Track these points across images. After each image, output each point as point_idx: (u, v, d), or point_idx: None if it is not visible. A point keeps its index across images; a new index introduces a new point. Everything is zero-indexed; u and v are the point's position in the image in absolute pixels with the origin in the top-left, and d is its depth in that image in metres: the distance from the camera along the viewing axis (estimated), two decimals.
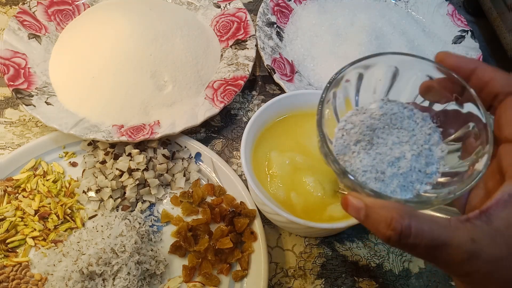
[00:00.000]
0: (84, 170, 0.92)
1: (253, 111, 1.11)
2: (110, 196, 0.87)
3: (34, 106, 0.92)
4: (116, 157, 0.90)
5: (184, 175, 0.93)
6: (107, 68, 0.98)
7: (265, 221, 0.92)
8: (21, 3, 1.07)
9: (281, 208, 0.77)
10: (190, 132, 1.04)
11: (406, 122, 0.54)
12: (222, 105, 1.00)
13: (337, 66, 1.09)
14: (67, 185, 0.90)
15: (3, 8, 1.18)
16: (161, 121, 0.98)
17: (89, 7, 1.14)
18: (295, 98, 0.89)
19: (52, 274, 0.78)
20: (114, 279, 0.76)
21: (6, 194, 0.86)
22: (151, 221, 0.89)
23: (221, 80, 1.07)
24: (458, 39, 1.22)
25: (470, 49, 1.19)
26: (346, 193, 0.49)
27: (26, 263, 0.81)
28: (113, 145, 0.93)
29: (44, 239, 0.84)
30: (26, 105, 0.91)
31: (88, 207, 0.89)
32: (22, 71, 0.97)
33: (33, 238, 0.84)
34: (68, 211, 0.87)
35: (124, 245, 0.78)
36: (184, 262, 0.84)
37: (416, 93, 0.55)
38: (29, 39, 1.03)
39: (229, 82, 1.05)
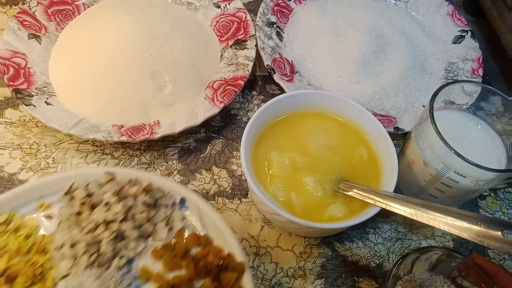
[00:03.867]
0: (59, 222, 0.82)
1: (253, 111, 1.10)
2: (85, 252, 0.78)
3: (34, 106, 0.92)
4: (93, 207, 0.81)
5: (168, 224, 0.84)
6: (107, 68, 0.98)
7: (265, 221, 0.92)
8: (21, 3, 1.07)
9: (281, 208, 0.77)
10: (190, 132, 1.04)
11: None
12: (222, 105, 1.00)
13: (337, 66, 1.11)
14: (40, 241, 0.80)
15: (3, 8, 1.18)
16: (161, 121, 0.98)
17: (89, 7, 1.14)
18: (295, 98, 0.89)
19: None
20: None
21: None
22: (129, 279, 0.80)
23: (221, 80, 1.06)
24: (458, 39, 1.22)
25: (470, 49, 1.19)
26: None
27: None
28: (90, 194, 0.83)
29: None
30: (26, 105, 0.91)
31: (61, 265, 0.79)
32: (22, 71, 0.97)
33: None
34: (39, 270, 0.77)
35: None
36: None
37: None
38: (29, 39, 1.03)
39: (229, 82, 1.05)
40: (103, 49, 0.97)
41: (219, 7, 1.20)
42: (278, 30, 1.18)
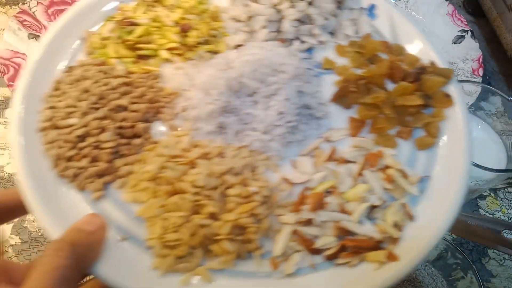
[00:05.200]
0: None
1: None
2: (264, 27, 0.76)
3: None
4: None
5: (354, 25, 0.80)
6: None
7: None
8: (21, 3, 1.07)
9: None
10: None
11: None
12: None
13: None
14: (212, 10, 0.79)
15: (3, 8, 1.18)
16: None
17: None
18: None
19: (186, 90, 0.69)
20: (268, 102, 0.65)
21: (144, 4, 0.76)
22: (310, 64, 0.74)
23: None
24: (458, 39, 1.22)
25: (470, 49, 1.19)
26: None
27: (157, 73, 0.71)
28: None
29: (181, 55, 0.73)
30: None
31: (234, 37, 0.77)
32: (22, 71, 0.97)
33: (168, 51, 0.72)
34: (213, 32, 0.76)
35: (285, 64, 0.65)
36: (350, 115, 0.71)
37: None
38: (29, 39, 1.02)
39: None
40: None
41: None
42: None
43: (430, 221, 0.62)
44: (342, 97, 0.73)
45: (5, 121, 0.99)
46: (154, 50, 0.73)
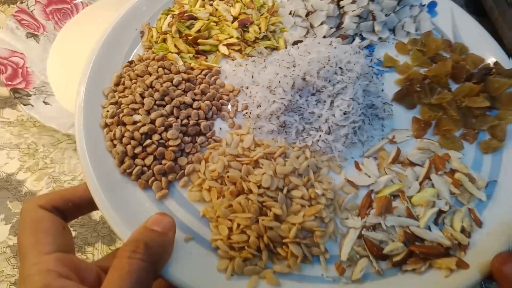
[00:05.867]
0: None
1: None
2: (323, 22, 0.76)
3: (32, 105, 0.90)
4: None
5: (415, 22, 0.80)
6: None
7: None
8: (19, 2, 1.05)
9: None
10: None
11: None
12: None
13: None
14: (270, 5, 0.80)
15: (1, 6, 1.15)
16: None
17: (87, 6, 1.13)
18: None
19: (247, 87, 0.68)
20: (332, 101, 0.64)
21: None
22: (371, 61, 0.74)
23: None
24: None
25: None
26: None
27: (217, 70, 0.70)
28: None
29: (240, 51, 0.73)
30: (24, 104, 0.89)
31: (293, 32, 0.77)
32: (20, 70, 0.95)
33: (228, 47, 0.72)
34: (272, 28, 0.76)
35: (352, 63, 0.64)
36: (413, 115, 0.69)
37: None
38: (27, 38, 1.01)
39: None
40: None
41: None
42: None
43: (497, 227, 0.60)
44: (404, 97, 0.70)
45: (2, 121, 0.98)
46: (214, 45, 0.72)
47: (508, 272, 0.51)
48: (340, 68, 0.64)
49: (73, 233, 0.78)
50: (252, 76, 0.68)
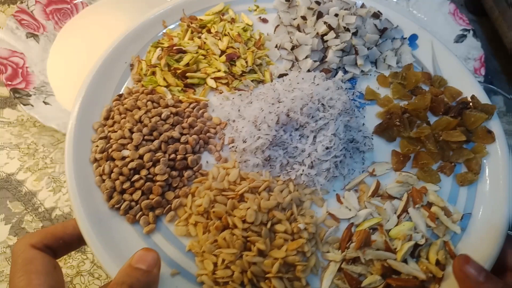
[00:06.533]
0: (277, 26, 0.83)
1: None
2: (308, 56, 0.77)
3: (32, 105, 0.91)
4: (319, 16, 0.78)
5: (396, 55, 0.82)
6: None
7: None
8: (19, 2, 1.05)
9: None
10: None
11: None
12: None
13: None
14: (258, 37, 0.82)
15: (1, 6, 1.15)
16: None
17: (87, 6, 1.13)
18: None
19: (233, 121, 0.70)
20: (315, 137, 0.66)
21: (190, 30, 0.78)
22: (353, 94, 0.76)
23: None
24: (460, 38, 1.19)
25: (472, 48, 1.17)
26: None
27: (205, 103, 0.72)
28: (317, 2, 0.81)
29: (227, 84, 0.75)
30: (24, 104, 0.90)
31: (278, 65, 0.79)
32: (20, 70, 0.96)
33: (215, 80, 0.74)
34: (258, 61, 0.78)
35: (334, 100, 0.67)
36: (393, 148, 0.72)
37: None
38: (27, 38, 1.02)
39: None
40: (102, 48, 0.98)
41: None
42: None
43: None
44: (385, 130, 0.73)
45: (2, 121, 0.99)
46: (202, 78, 0.73)
47: (468, 271, 0.53)
48: (323, 104, 0.66)
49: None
50: (239, 110, 0.70)
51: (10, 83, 0.93)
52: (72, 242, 0.57)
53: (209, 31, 0.79)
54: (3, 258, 0.79)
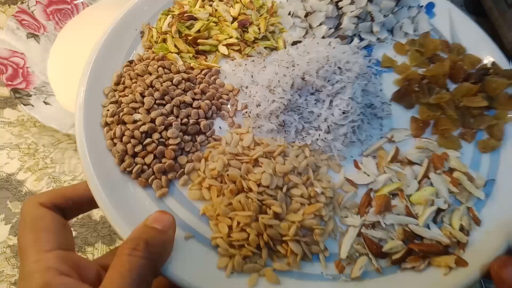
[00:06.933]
0: None
1: None
2: (322, 23, 0.75)
3: (33, 106, 0.91)
4: None
5: (413, 23, 0.80)
6: None
7: None
8: (19, 2, 1.05)
9: None
10: None
11: None
12: None
13: None
14: (269, 5, 0.80)
15: (2, 7, 1.15)
16: None
17: (87, 6, 1.13)
18: None
19: (246, 87, 0.69)
20: (331, 101, 0.64)
21: None
22: (369, 61, 0.74)
23: None
24: None
25: None
26: None
27: (217, 69, 0.71)
28: None
29: (240, 51, 0.74)
30: (25, 104, 0.90)
31: (292, 33, 0.78)
32: (21, 70, 0.96)
33: (227, 47, 0.73)
34: (271, 28, 0.77)
35: (350, 63, 0.65)
36: (412, 115, 0.70)
37: None
38: (27, 38, 1.01)
39: None
40: None
41: None
42: None
43: (496, 226, 0.60)
44: (403, 97, 0.71)
45: (3, 121, 0.98)
46: (213, 45, 0.72)
47: (506, 276, 0.51)
48: (339, 67, 0.64)
49: (73, 233, 0.78)
50: (252, 76, 0.69)
51: (10, 83, 0.92)
52: (82, 204, 0.55)
53: None
54: (3, 258, 0.78)
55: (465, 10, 1.33)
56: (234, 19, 0.74)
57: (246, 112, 0.67)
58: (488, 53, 0.75)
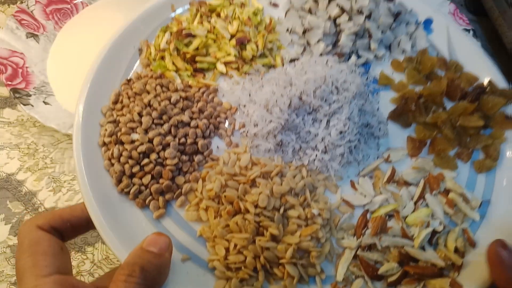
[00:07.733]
0: (288, 11, 0.81)
1: None
2: (320, 40, 0.75)
3: (32, 105, 0.90)
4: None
5: (410, 39, 0.80)
6: None
7: None
8: (19, 2, 1.05)
9: None
10: None
11: None
12: None
13: None
14: (267, 22, 0.79)
15: (1, 6, 1.15)
16: None
17: (87, 6, 1.13)
18: None
19: (244, 105, 0.69)
20: (329, 120, 0.64)
21: (199, 14, 0.77)
22: (367, 79, 0.74)
23: None
24: None
25: None
26: None
27: (215, 88, 0.71)
28: None
29: (238, 69, 0.73)
30: (24, 104, 0.90)
31: (290, 50, 0.77)
32: (20, 70, 0.96)
33: (225, 64, 0.73)
34: (269, 45, 0.76)
35: (348, 82, 0.65)
36: (408, 134, 0.70)
37: None
38: (27, 38, 1.01)
39: None
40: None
41: None
42: None
43: None
44: (400, 116, 0.71)
45: (2, 121, 0.98)
46: (211, 63, 0.72)
47: (504, 255, 0.52)
48: (336, 87, 0.64)
49: None
50: (249, 95, 0.69)
51: (10, 83, 0.92)
52: (80, 225, 0.55)
53: (218, 15, 0.77)
54: (3, 258, 0.78)
55: (465, 9, 1.34)
56: (232, 36, 0.74)
57: (243, 131, 0.67)
58: (485, 71, 0.75)
